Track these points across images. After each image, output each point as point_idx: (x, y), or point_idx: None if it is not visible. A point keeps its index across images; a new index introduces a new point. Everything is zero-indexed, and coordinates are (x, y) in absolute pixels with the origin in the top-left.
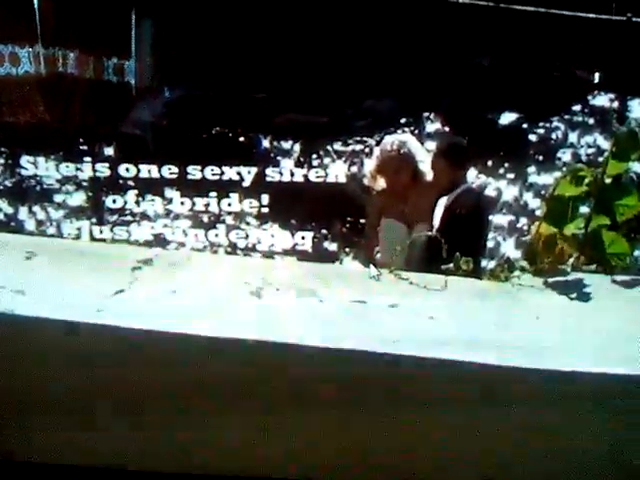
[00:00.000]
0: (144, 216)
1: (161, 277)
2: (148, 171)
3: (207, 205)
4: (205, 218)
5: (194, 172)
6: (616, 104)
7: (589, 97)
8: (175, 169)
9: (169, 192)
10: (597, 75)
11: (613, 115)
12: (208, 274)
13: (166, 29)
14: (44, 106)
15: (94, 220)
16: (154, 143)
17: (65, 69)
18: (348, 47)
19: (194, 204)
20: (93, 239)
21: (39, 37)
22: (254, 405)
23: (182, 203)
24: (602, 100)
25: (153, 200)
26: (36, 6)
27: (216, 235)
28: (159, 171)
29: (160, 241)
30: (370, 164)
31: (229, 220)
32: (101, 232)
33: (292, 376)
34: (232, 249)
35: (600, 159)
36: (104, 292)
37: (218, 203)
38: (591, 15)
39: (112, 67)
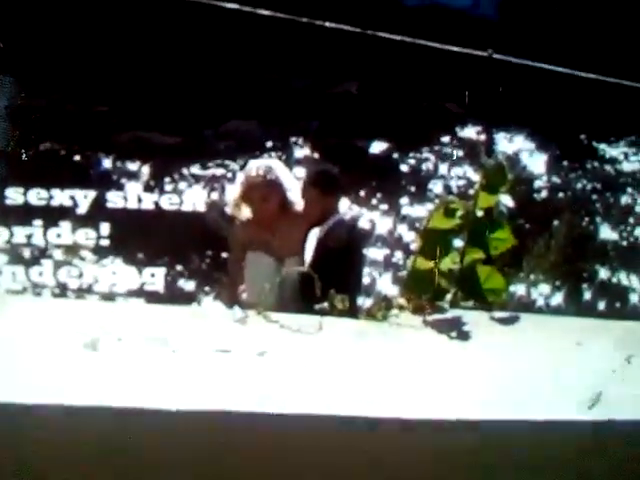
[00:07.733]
0: None
1: None
2: None
3: (29, 236)
4: (27, 252)
5: (14, 196)
6: (483, 136)
7: (457, 129)
8: None
9: None
10: (464, 107)
11: (481, 147)
12: (29, 322)
13: None
14: None
15: None
16: None
17: None
18: (207, 60)
19: (12, 235)
20: None
21: None
22: None
23: None
24: (470, 132)
25: None
26: None
27: (40, 273)
28: None
29: None
30: (233, 191)
31: (58, 255)
32: None
33: (138, 446)
34: (61, 290)
35: (471, 191)
36: None
37: (44, 234)
38: (455, 48)
39: None
